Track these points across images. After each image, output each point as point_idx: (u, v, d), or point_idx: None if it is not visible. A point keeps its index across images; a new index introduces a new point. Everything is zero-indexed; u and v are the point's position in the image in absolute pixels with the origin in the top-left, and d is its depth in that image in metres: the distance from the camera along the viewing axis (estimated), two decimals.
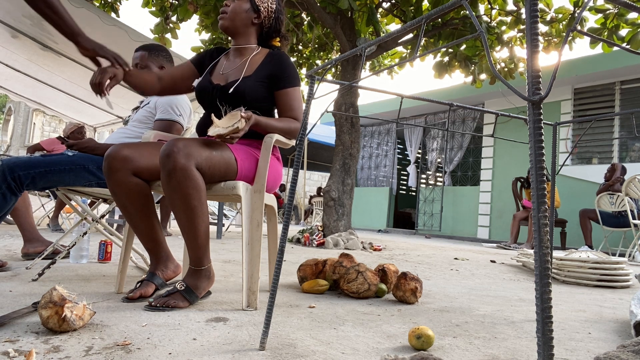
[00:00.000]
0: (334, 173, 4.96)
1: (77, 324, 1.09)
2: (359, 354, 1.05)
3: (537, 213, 0.56)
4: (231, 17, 1.63)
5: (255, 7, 1.64)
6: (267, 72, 1.63)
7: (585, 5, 0.59)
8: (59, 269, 2.07)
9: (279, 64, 1.64)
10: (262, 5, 1.66)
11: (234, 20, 1.63)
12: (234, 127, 1.36)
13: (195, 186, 1.37)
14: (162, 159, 1.35)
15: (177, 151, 1.33)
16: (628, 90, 6.82)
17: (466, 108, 1.22)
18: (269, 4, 1.67)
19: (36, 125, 19.37)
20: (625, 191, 4.97)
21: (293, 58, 7.12)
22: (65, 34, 1.42)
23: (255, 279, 1.48)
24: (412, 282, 1.71)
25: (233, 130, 1.36)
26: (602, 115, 1.35)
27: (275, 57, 1.66)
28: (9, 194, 1.75)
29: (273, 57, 1.67)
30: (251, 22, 1.66)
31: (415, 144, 9.71)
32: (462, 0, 0.69)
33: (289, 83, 1.63)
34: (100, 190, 1.94)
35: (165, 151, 1.34)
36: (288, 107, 1.63)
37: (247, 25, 1.66)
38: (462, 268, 3.17)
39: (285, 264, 2.76)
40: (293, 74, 1.65)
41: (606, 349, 1.19)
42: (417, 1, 5.07)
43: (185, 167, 1.33)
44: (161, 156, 1.35)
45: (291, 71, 1.65)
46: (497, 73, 0.62)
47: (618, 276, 2.56)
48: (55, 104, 6.01)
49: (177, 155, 1.33)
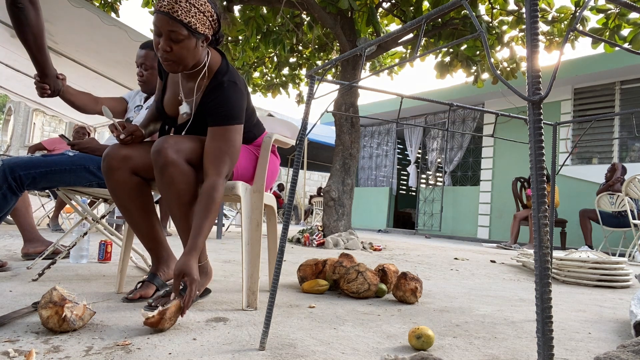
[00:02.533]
0: (334, 173, 4.96)
1: (77, 324, 1.09)
2: (359, 354, 1.05)
3: (537, 213, 0.56)
4: (179, 62, 1.36)
5: (202, 36, 1.36)
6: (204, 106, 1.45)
7: (586, 5, 0.59)
8: (59, 269, 2.07)
9: (217, 97, 1.43)
10: (207, 25, 1.37)
11: (184, 62, 1.37)
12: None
13: (188, 181, 1.37)
14: (153, 154, 1.36)
15: (168, 147, 1.34)
16: (628, 90, 6.82)
17: (466, 108, 1.22)
18: (209, 17, 1.37)
19: (36, 125, 19.37)
20: (625, 191, 4.97)
21: (292, 58, 7.13)
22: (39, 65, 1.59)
23: (255, 279, 1.48)
24: (412, 282, 1.71)
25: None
26: (602, 115, 1.35)
27: (218, 80, 1.45)
28: (9, 194, 1.75)
29: (216, 82, 1.45)
30: (202, 48, 1.41)
31: (415, 144, 9.71)
32: (462, 0, 0.69)
33: (222, 117, 1.41)
34: (100, 190, 1.94)
35: (156, 147, 1.35)
36: (209, 147, 1.39)
37: (199, 55, 1.41)
38: (462, 268, 3.17)
39: (285, 264, 2.76)
40: (229, 109, 1.41)
41: (606, 349, 1.19)
42: (417, 1, 5.07)
43: (176, 162, 1.34)
44: (152, 152, 1.36)
45: (230, 105, 1.42)
46: (497, 73, 0.62)
47: (618, 276, 2.56)
48: (55, 104, 6.00)
49: (168, 151, 1.34)
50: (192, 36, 1.33)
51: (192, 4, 1.30)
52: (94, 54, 3.98)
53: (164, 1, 1.28)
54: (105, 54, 3.89)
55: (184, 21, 1.29)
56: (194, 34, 1.33)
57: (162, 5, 1.28)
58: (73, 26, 3.41)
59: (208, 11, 1.36)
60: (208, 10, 1.36)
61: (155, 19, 1.30)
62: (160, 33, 1.32)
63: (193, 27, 1.31)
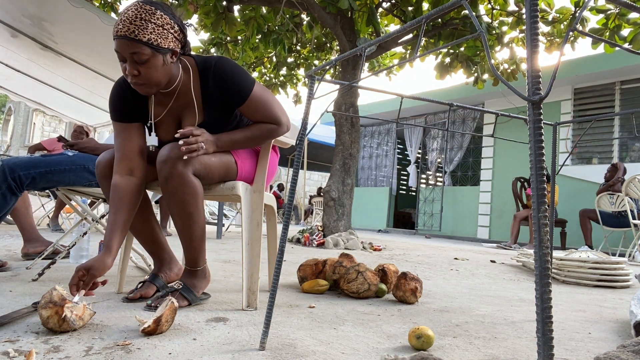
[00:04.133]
0: (334, 173, 4.96)
1: (77, 324, 1.09)
2: (359, 354, 1.05)
3: (537, 213, 0.56)
4: (150, 84, 1.32)
5: (167, 50, 1.31)
6: (214, 99, 1.44)
7: (585, 5, 0.59)
8: (59, 269, 2.07)
9: (219, 83, 1.41)
10: (170, 39, 1.31)
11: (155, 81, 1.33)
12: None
13: (192, 192, 1.35)
14: (159, 163, 1.34)
15: (175, 157, 1.32)
16: (628, 90, 6.82)
17: (466, 108, 1.22)
18: (170, 29, 1.30)
19: (36, 125, 19.38)
20: (625, 191, 4.97)
21: (291, 58, 7.13)
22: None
23: (255, 279, 1.49)
24: (412, 282, 1.71)
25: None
26: (602, 115, 1.35)
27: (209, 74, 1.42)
28: (9, 194, 1.75)
29: (207, 75, 1.42)
30: (172, 64, 1.37)
31: (415, 144, 9.71)
32: (462, 0, 0.69)
33: (243, 94, 1.42)
34: (100, 190, 1.94)
35: (163, 157, 1.33)
36: (256, 117, 1.47)
37: (170, 72, 1.36)
38: (462, 268, 3.17)
39: (285, 264, 2.76)
40: (240, 82, 1.41)
41: (606, 349, 1.19)
42: (417, 1, 5.07)
43: (182, 174, 1.32)
44: (158, 161, 1.34)
45: (236, 80, 1.41)
46: (497, 73, 0.62)
47: (618, 276, 2.56)
48: (55, 104, 6.00)
49: (175, 162, 1.31)
50: (156, 53, 1.28)
51: (148, 20, 1.25)
52: (94, 54, 3.98)
53: (119, 25, 1.24)
54: (105, 54, 3.89)
55: (143, 40, 1.24)
56: (158, 50, 1.28)
57: (118, 30, 1.24)
58: (73, 26, 3.41)
59: (167, 23, 1.29)
60: (167, 22, 1.29)
61: (116, 45, 1.26)
62: (124, 58, 1.28)
63: (155, 44, 1.26)
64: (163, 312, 1.12)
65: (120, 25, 1.24)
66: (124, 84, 1.46)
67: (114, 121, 1.48)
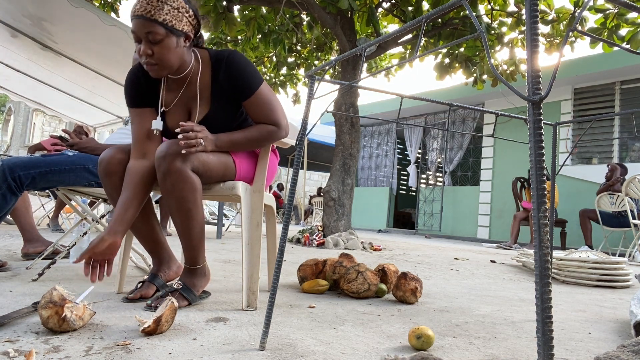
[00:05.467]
0: (334, 173, 4.96)
1: (77, 324, 1.09)
2: (359, 354, 1.05)
3: (537, 213, 0.56)
4: (163, 65, 1.36)
5: (181, 34, 1.37)
6: (223, 91, 1.47)
7: (585, 5, 0.59)
8: (59, 269, 2.07)
9: (229, 74, 1.45)
10: (184, 22, 1.36)
11: (168, 63, 1.37)
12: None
13: (190, 189, 1.36)
14: (157, 160, 1.34)
15: (173, 153, 1.32)
16: (628, 90, 6.82)
17: (466, 108, 1.22)
18: (184, 13, 1.36)
19: (36, 125, 19.38)
20: (625, 191, 4.97)
21: (291, 58, 7.13)
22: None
23: (255, 279, 1.49)
24: (412, 282, 1.71)
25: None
26: (602, 115, 1.35)
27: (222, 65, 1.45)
28: (9, 194, 1.75)
29: (220, 67, 1.46)
30: (185, 48, 1.41)
31: (415, 144, 9.71)
32: (462, 0, 0.69)
33: (251, 88, 1.45)
34: (100, 190, 1.94)
35: (161, 153, 1.34)
36: (258, 115, 1.50)
37: (182, 56, 1.40)
38: (462, 268, 3.17)
39: (285, 264, 2.76)
40: (249, 76, 1.45)
41: (606, 349, 1.19)
42: (417, 1, 5.07)
43: (181, 170, 1.32)
44: (157, 157, 1.34)
45: (247, 74, 1.44)
46: (497, 73, 0.62)
47: (618, 276, 2.56)
48: (55, 104, 6.01)
49: (173, 157, 1.32)
50: (170, 34, 1.33)
51: (164, 1, 1.31)
52: (94, 54, 3.98)
53: (137, 5, 1.30)
54: (105, 54, 3.89)
55: (158, 20, 1.30)
56: (172, 31, 1.33)
57: (135, 10, 1.31)
58: (73, 26, 3.41)
59: (182, 7, 1.35)
60: (182, 6, 1.35)
61: (132, 25, 1.32)
62: (139, 39, 1.33)
63: (169, 25, 1.32)
64: (163, 312, 1.12)
65: (137, 5, 1.30)
66: (138, 71, 1.51)
67: (129, 107, 1.53)
